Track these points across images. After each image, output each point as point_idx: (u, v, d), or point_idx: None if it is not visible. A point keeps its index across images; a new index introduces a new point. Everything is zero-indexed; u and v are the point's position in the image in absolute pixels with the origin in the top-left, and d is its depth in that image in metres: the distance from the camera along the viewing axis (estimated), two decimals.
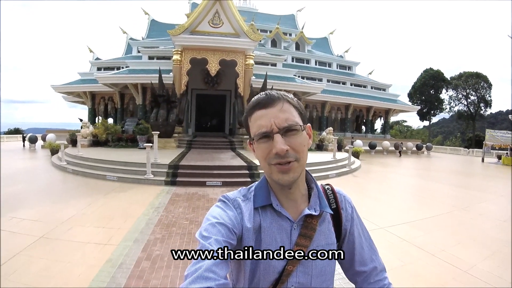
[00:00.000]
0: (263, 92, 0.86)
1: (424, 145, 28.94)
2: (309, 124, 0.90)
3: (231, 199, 0.90)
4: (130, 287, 3.01)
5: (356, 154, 18.10)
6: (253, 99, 0.87)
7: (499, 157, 23.61)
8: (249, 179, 9.03)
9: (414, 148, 27.31)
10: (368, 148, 23.92)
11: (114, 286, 3.02)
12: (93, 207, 5.98)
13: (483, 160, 23.75)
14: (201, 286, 0.62)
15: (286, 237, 0.87)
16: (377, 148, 24.46)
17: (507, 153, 24.56)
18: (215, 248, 0.71)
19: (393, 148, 25.64)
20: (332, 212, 0.94)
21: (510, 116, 23.72)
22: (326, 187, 1.02)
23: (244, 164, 10.13)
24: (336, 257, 0.93)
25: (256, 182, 0.96)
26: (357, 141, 22.77)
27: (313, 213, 0.88)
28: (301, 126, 0.83)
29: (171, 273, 3.36)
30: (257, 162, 10.07)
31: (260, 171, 9.38)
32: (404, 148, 25.60)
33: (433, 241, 4.83)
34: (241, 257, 0.84)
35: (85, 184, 8.33)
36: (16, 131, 39.90)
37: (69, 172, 10.10)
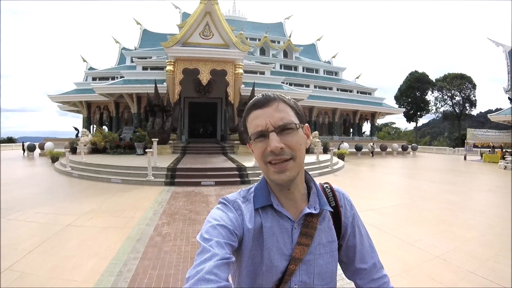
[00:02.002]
0: (260, 94, 0.88)
1: (410, 146, 30.19)
2: (306, 124, 0.91)
3: (231, 201, 0.91)
4: (147, 253, 4.06)
5: (341, 156, 19.28)
6: (251, 100, 0.89)
7: (482, 155, 24.77)
8: (238, 179, 10.15)
9: (400, 149, 28.49)
10: (354, 150, 25.09)
11: (135, 255, 4.05)
12: (106, 203, 7.02)
13: (465, 158, 24.89)
14: None
15: (288, 237, 0.87)
16: (363, 150, 25.62)
17: (489, 150, 25.82)
18: (216, 250, 0.71)
19: (379, 150, 26.82)
20: (332, 210, 0.96)
21: (489, 115, 24.99)
22: (324, 185, 1.04)
23: (235, 166, 11.24)
24: (337, 255, 0.96)
25: (256, 183, 0.96)
26: (344, 143, 23.99)
27: (313, 211, 0.89)
28: (296, 124, 0.84)
29: (178, 243, 4.47)
30: (246, 164, 11.21)
31: (249, 172, 10.52)
32: (384, 149, 26.75)
33: (389, 222, 5.91)
34: (244, 258, 0.86)
35: (93, 186, 9.31)
36: (9, 140, 40.43)
37: (75, 176, 11.04)
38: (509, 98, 24.53)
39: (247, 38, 32.40)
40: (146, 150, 10.40)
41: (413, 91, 51.44)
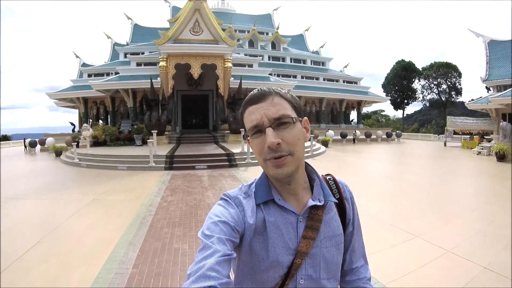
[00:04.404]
0: (256, 89, 0.87)
1: (394, 133, 31.68)
2: (305, 118, 0.90)
3: (232, 197, 0.90)
4: (159, 213, 5.59)
5: (325, 143, 20.87)
6: (247, 96, 0.88)
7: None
8: (227, 163, 11.82)
9: (384, 136, 29.87)
10: (340, 137, 26.51)
11: (149, 213, 5.58)
12: (118, 185, 8.58)
13: (445, 144, 26.25)
14: (204, 285, 0.62)
15: (293, 231, 0.86)
16: (348, 137, 27.02)
17: (469, 137, 27.20)
18: (218, 247, 0.71)
19: (364, 137, 28.21)
20: (337, 201, 0.96)
21: (466, 103, 26.37)
22: (327, 177, 1.03)
23: (224, 152, 12.92)
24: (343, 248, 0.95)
25: (257, 178, 0.96)
26: (329, 131, 25.42)
27: (318, 203, 0.88)
28: (293, 118, 0.83)
29: (179, 206, 6.13)
30: (234, 150, 12.78)
31: (236, 157, 12.16)
32: (368, 136, 28.15)
33: None
34: (243, 253, 0.86)
35: (102, 173, 10.79)
36: (4, 138, 41.01)
37: (83, 166, 12.48)
38: (486, 87, 25.94)
39: (236, 31, 33.46)
40: (147, 140, 11.87)
41: (400, 79, 52.69)
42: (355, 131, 27.31)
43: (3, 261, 3.75)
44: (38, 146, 22.69)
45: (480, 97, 26.98)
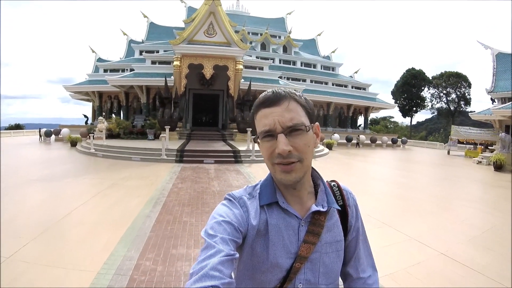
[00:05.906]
0: (270, 90, 0.85)
1: (400, 139, 32.09)
2: (317, 123, 0.89)
3: (237, 198, 0.90)
4: (171, 198, 6.42)
5: (329, 146, 21.59)
6: (260, 96, 0.86)
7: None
8: (233, 159, 12.70)
9: (390, 142, 30.34)
10: (345, 141, 27.08)
11: (162, 196, 6.42)
12: (133, 173, 9.50)
13: (448, 153, 26.56)
14: (207, 285, 0.63)
15: (294, 234, 0.87)
16: (353, 141, 27.53)
17: (473, 146, 27.47)
18: (221, 247, 0.71)
19: (369, 142, 28.72)
20: (340, 208, 0.95)
21: (470, 114, 26.80)
22: (332, 184, 1.03)
23: (231, 149, 13.85)
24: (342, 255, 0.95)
25: (262, 180, 0.95)
26: (335, 135, 26.08)
27: (321, 209, 0.88)
28: (306, 126, 0.82)
29: (188, 191, 7.02)
30: (240, 148, 13.57)
31: (242, 154, 12.98)
32: (373, 142, 28.65)
33: None
34: (244, 254, 0.86)
35: (118, 163, 11.72)
36: (17, 127, 42.19)
37: (99, 156, 13.43)
38: (491, 98, 26.30)
39: (249, 33, 34.21)
40: (160, 135, 12.79)
41: (409, 87, 52.76)
42: (358, 136, 27.84)
43: (39, 230, 4.60)
44: (53, 136, 23.57)
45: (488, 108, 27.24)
